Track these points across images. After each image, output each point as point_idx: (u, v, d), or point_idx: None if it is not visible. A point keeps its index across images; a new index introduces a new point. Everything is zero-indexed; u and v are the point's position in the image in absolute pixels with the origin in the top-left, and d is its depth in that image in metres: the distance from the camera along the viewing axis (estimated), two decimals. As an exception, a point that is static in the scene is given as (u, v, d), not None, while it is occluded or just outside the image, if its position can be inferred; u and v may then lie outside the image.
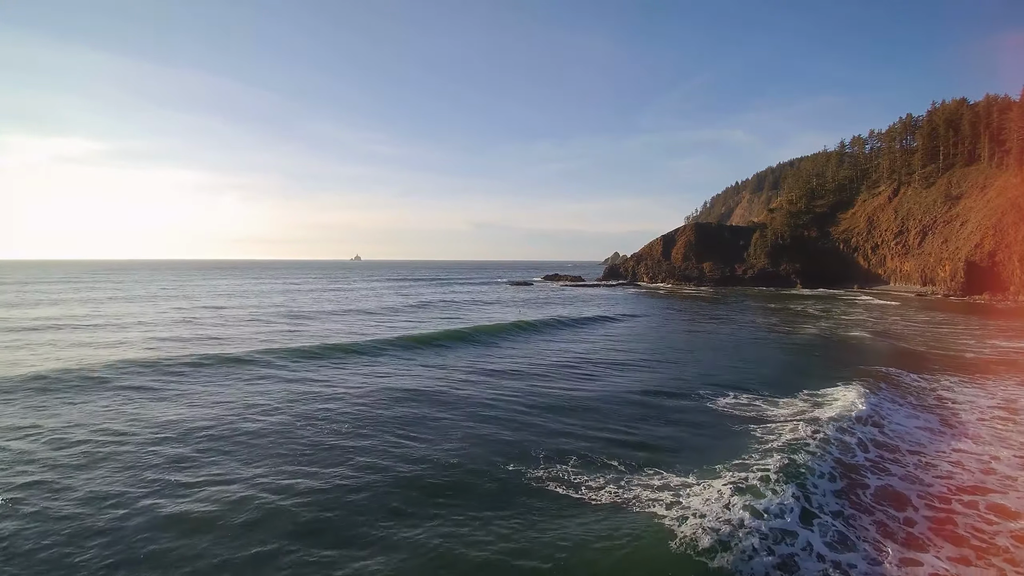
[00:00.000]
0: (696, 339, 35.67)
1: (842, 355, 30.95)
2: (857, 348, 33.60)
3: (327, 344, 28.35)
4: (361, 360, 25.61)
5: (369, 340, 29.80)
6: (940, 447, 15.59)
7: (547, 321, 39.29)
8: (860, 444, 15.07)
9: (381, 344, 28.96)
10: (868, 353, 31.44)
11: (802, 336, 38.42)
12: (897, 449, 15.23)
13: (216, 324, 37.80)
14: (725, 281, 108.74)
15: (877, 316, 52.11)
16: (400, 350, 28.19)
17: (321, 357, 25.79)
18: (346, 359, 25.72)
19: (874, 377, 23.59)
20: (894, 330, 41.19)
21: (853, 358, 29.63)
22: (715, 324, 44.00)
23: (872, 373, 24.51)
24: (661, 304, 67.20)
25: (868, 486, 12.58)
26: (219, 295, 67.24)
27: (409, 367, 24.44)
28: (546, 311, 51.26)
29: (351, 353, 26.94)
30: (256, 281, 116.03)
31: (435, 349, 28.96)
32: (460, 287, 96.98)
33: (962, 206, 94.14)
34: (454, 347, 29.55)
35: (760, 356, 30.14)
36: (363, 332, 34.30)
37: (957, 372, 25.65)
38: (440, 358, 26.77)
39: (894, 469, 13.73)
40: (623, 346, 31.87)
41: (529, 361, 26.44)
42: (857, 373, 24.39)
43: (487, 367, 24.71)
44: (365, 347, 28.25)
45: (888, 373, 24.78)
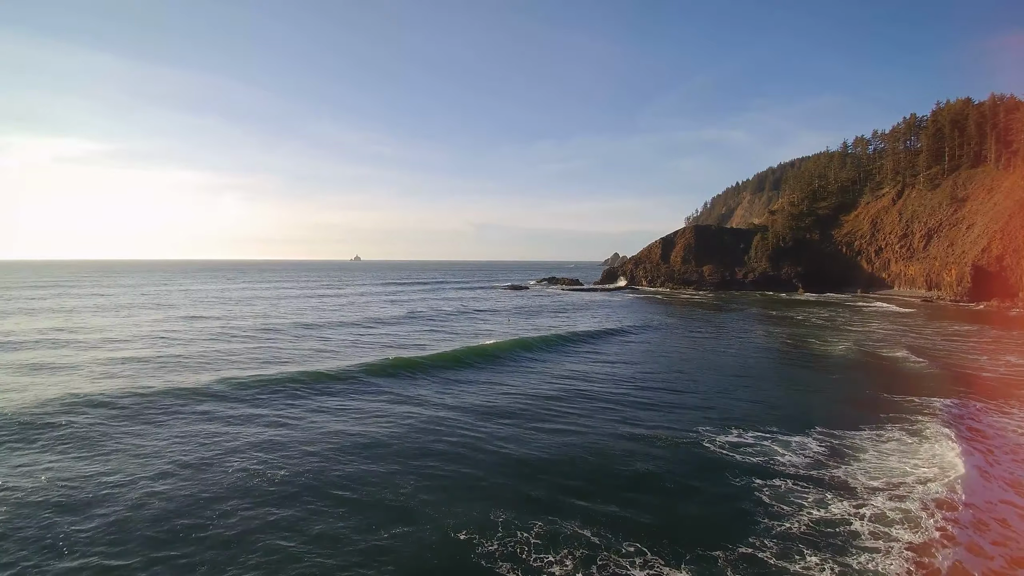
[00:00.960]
0: (697, 357, 33.38)
1: (858, 376, 28.59)
2: (874, 367, 31.10)
3: (286, 373, 25.48)
4: (321, 393, 23.01)
5: (338, 367, 27.17)
6: None
7: (535, 341, 35.41)
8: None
9: (349, 372, 26.27)
10: (891, 375, 28.82)
11: (809, 351, 36.21)
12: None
13: (184, 342, 35.49)
14: (725, 285, 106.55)
15: (887, 326, 49.91)
16: (371, 377, 25.67)
17: (277, 389, 23.30)
18: (303, 391, 23.19)
19: (911, 412, 21.00)
20: (912, 343, 38.70)
21: (872, 381, 27.18)
22: (716, 338, 41.76)
23: (905, 406, 21.88)
24: (659, 312, 65.01)
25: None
26: (202, 303, 65.02)
27: (373, 402, 21.95)
28: (537, 322, 49.10)
29: (313, 382, 24.37)
30: (246, 285, 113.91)
31: (408, 378, 26.08)
32: (454, 292, 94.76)
33: (968, 208, 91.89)
34: (427, 374, 26.77)
35: (765, 377, 27.93)
36: (335, 353, 31.78)
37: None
38: (410, 388, 24.25)
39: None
40: (615, 371, 29.12)
41: (506, 394, 23.76)
42: (883, 405, 22.08)
43: (455, 402, 22.15)
44: (331, 375, 25.63)
45: (931, 406, 21.90)
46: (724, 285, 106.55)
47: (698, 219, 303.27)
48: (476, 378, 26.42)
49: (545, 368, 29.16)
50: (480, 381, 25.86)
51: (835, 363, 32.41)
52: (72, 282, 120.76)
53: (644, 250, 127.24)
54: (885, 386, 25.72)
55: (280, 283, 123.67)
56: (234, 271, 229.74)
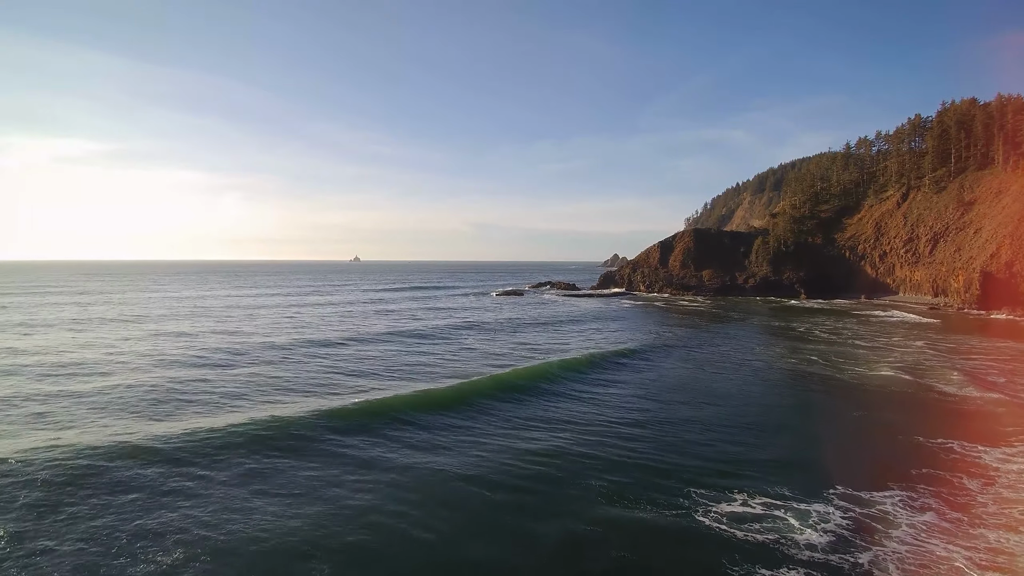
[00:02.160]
0: (693, 386, 30.27)
1: (879, 410, 25.26)
2: (896, 398, 27.55)
3: (215, 429, 20.55)
4: (249, 456, 18.45)
5: (284, 416, 22.31)
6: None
7: (510, 380, 28.96)
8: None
9: (294, 424, 21.42)
10: (917, 409, 25.16)
11: (820, 375, 33.28)
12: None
13: (135, 368, 32.26)
14: (725, 290, 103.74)
15: (899, 340, 47.02)
16: (317, 432, 20.91)
17: (199, 451, 18.69)
18: (226, 452, 18.66)
19: (949, 464, 17.83)
20: (936, 363, 35.59)
21: (897, 416, 23.86)
22: (715, 360, 38.75)
23: (941, 456, 18.77)
24: (655, 323, 62.22)
25: None
26: (173, 316, 61.38)
27: (321, 470, 17.68)
28: (524, 339, 46.16)
29: (245, 443, 19.41)
30: (231, 291, 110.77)
31: (358, 434, 20.96)
32: (446, 299, 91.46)
33: (976, 212, 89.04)
34: (374, 431, 21.47)
35: (772, 412, 24.81)
36: (289, 391, 27.24)
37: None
38: (353, 453, 19.32)
39: None
40: (596, 414, 24.70)
41: (458, 454, 19.29)
42: (914, 452, 18.75)
43: (391, 474, 17.45)
44: (270, 429, 20.80)
45: (976, 455, 18.73)
46: (724, 290, 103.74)
47: (698, 220, 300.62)
48: (434, 434, 21.57)
49: (514, 414, 24.41)
50: (435, 439, 20.87)
51: (851, 391, 29.16)
52: (52, 289, 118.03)
53: (642, 254, 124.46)
54: (913, 424, 22.59)
55: (268, 289, 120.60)
56: (228, 273, 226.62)
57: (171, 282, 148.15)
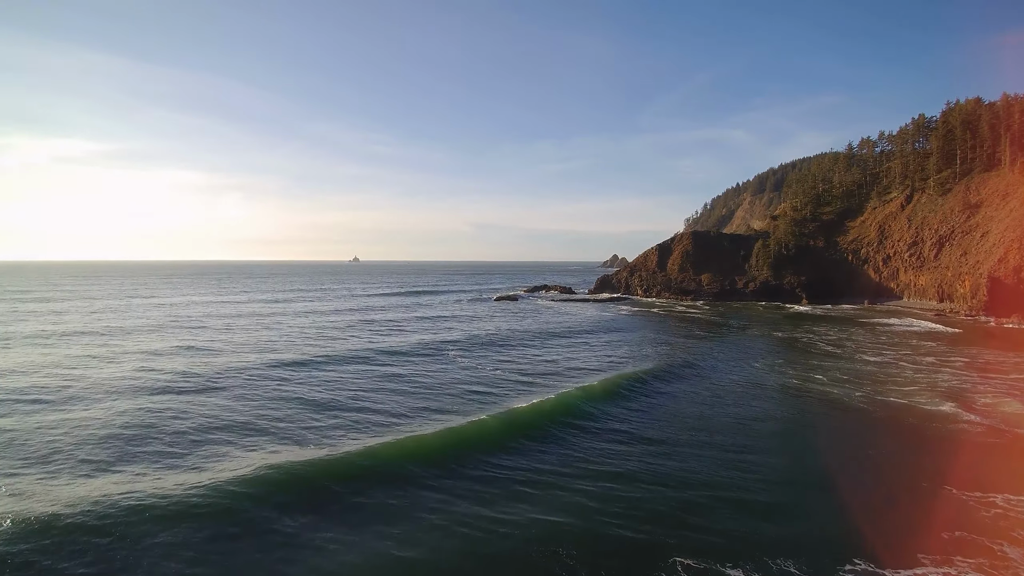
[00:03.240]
0: (685, 415, 27.49)
1: (900, 451, 22.35)
2: (919, 434, 24.57)
3: (107, 501, 16.53)
4: (117, 544, 14.55)
5: (175, 487, 17.60)
6: None
7: (477, 433, 23.55)
8: None
9: (190, 498, 16.77)
10: (944, 449, 22.18)
11: (827, 401, 30.80)
12: None
13: (86, 400, 29.66)
14: (724, 295, 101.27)
15: (909, 355, 44.51)
16: (238, 504, 16.73)
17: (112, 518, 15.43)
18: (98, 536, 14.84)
19: (987, 527, 15.04)
20: (957, 389, 32.75)
21: (923, 461, 20.83)
22: (712, 381, 36.30)
23: (978, 515, 15.81)
24: (651, 335, 59.76)
25: None
26: (151, 326, 58.65)
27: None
28: (515, 355, 43.65)
29: (120, 527, 15.32)
30: (219, 296, 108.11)
31: (266, 509, 16.56)
32: (438, 306, 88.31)
33: (982, 215, 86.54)
34: (318, 508, 17.04)
35: (773, 454, 22.06)
36: (204, 444, 22.35)
37: None
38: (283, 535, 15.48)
39: None
40: (574, 449, 22.01)
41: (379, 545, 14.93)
42: (945, 510, 16.05)
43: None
44: (153, 505, 16.38)
45: (1016, 512, 15.88)
46: (723, 295, 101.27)
47: (698, 220, 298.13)
48: (365, 513, 16.82)
49: (492, 472, 19.88)
50: (367, 520, 16.35)
51: (861, 422, 26.40)
52: (41, 292, 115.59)
53: (640, 257, 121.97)
54: (940, 468, 19.78)
55: (256, 294, 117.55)
56: (222, 276, 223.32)
57: (161, 285, 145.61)
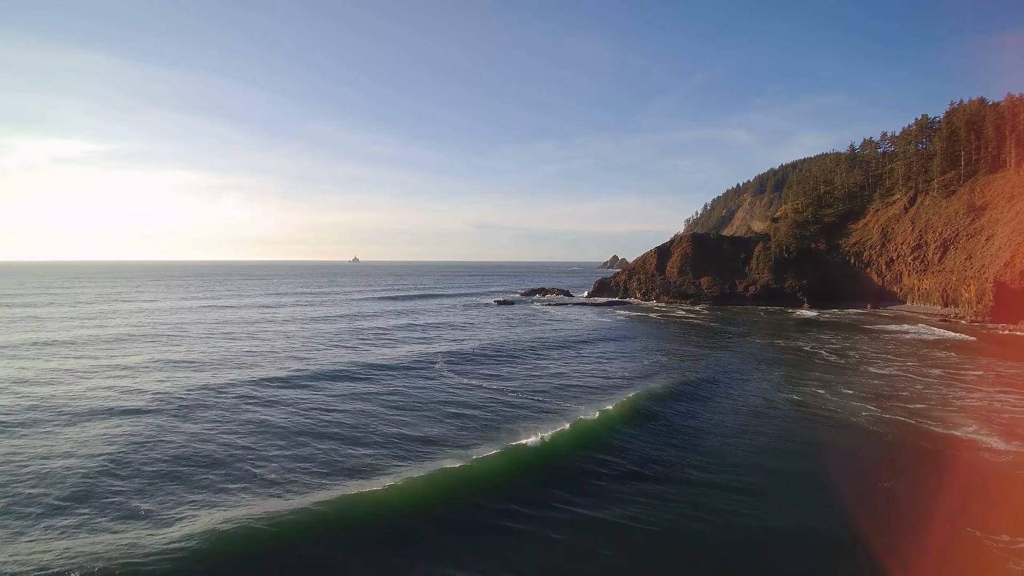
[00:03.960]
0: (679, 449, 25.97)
1: (910, 489, 20.12)
2: (926, 462, 22.43)
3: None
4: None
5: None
6: None
7: (435, 493, 19.26)
8: None
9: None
10: (975, 486, 19.82)
11: (826, 417, 29.10)
12: None
13: (43, 424, 27.81)
14: (724, 299, 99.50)
15: (916, 366, 42.72)
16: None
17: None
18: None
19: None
20: (977, 408, 30.68)
21: (949, 499, 18.49)
22: (709, 397, 34.65)
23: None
24: (648, 343, 58.01)
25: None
26: (131, 335, 55.81)
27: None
28: (502, 371, 41.51)
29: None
30: (209, 300, 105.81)
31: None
32: (431, 313, 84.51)
33: (987, 218, 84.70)
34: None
35: (772, 496, 19.75)
36: (172, 484, 19.97)
37: None
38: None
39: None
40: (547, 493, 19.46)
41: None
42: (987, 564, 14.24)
43: None
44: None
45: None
46: (723, 299, 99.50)
47: (698, 221, 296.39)
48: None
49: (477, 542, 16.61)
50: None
51: (875, 451, 24.16)
52: (29, 296, 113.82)
53: (638, 260, 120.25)
54: (958, 505, 17.81)
55: (247, 298, 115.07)
56: (218, 277, 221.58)
57: (154, 288, 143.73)
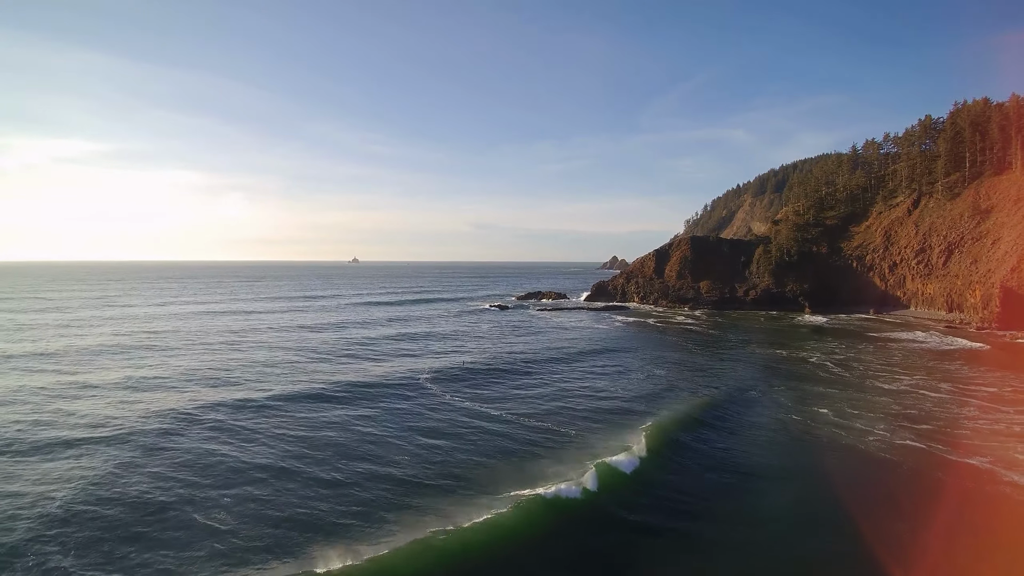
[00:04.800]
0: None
1: (937, 536, 17.80)
2: (947, 495, 20.33)
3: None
4: None
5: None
6: None
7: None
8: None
9: None
10: (1004, 528, 17.86)
11: (834, 440, 27.09)
12: None
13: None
14: (724, 303, 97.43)
15: (924, 379, 40.68)
16: None
17: None
18: None
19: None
20: (980, 427, 28.87)
21: (971, 542, 16.69)
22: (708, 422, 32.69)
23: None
24: (647, 352, 56.00)
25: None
26: (102, 347, 52.52)
27: None
28: (483, 396, 38.88)
29: None
30: (196, 306, 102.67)
31: None
32: (420, 322, 79.62)
33: (993, 221, 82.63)
34: None
35: (777, 543, 18.32)
36: (102, 549, 16.98)
37: None
38: None
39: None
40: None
41: None
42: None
43: None
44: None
45: None
46: (723, 303, 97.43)
47: (698, 222, 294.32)
48: None
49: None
50: None
51: (886, 482, 22.20)
52: (14, 300, 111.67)
53: (636, 262, 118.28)
54: (988, 559, 15.98)
55: (235, 303, 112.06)
56: (211, 278, 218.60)
57: (146, 291, 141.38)
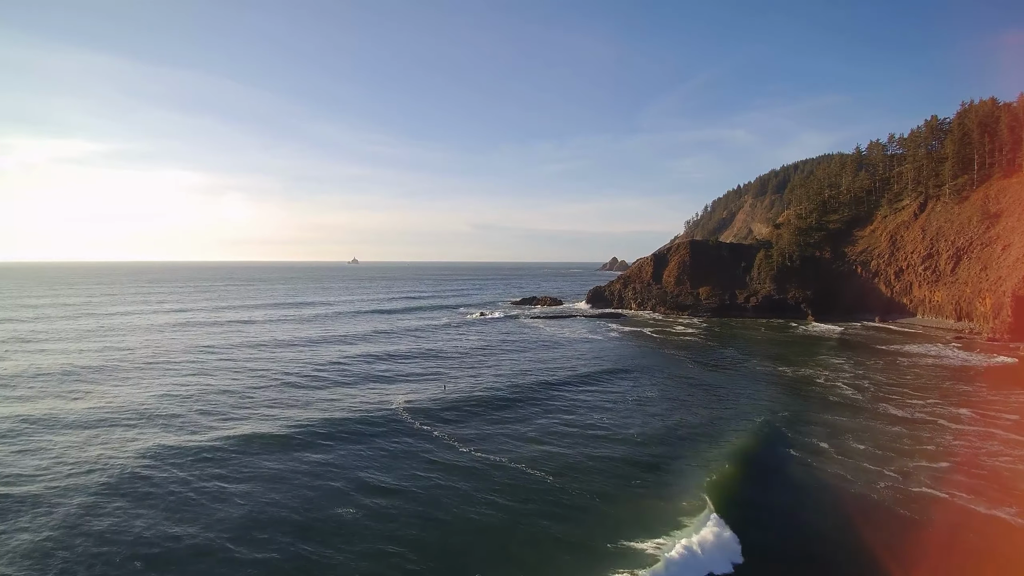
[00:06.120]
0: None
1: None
2: (982, 565, 17.94)
3: None
4: None
5: None
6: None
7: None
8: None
9: None
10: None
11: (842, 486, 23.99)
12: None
13: None
14: (724, 310, 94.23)
15: (940, 405, 37.49)
16: None
17: None
18: None
19: None
20: (1010, 467, 25.80)
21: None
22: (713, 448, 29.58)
23: None
24: (644, 374, 52.92)
25: None
26: (58, 366, 49.14)
27: None
28: (473, 427, 35.93)
29: None
30: (176, 314, 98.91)
31: None
32: (405, 336, 74.64)
33: (1003, 226, 79.32)
34: None
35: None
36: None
37: None
38: None
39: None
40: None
41: None
42: None
43: None
44: None
45: None
46: (723, 310, 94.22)
47: (698, 223, 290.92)
48: None
49: None
50: None
51: (903, 544, 19.44)
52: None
53: (634, 267, 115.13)
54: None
55: (219, 312, 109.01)
56: (205, 280, 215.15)
57: (132, 296, 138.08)
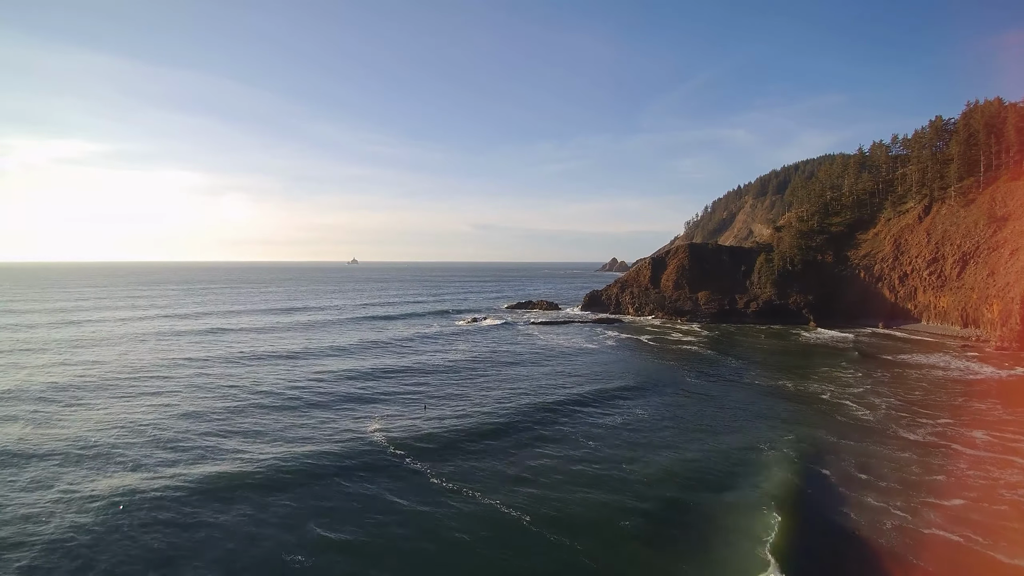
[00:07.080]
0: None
1: None
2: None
3: None
4: None
5: None
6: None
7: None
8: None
9: None
10: None
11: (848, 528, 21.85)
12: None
13: None
14: (724, 315, 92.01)
15: (953, 426, 35.34)
16: None
17: None
18: None
19: None
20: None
21: None
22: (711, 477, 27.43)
23: None
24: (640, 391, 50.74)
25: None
26: (18, 386, 46.43)
27: None
28: (453, 465, 33.15)
29: None
30: (160, 321, 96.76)
31: None
32: (394, 348, 70.61)
33: (1010, 230, 77.08)
34: None
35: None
36: None
37: None
38: None
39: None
40: None
41: None
42: None
43: None
44: None
45: None
46: (722, 316, 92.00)
47: (698, 224, 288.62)
48: None
49: None
50: None
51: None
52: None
53: (632, 271, 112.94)
54: None
55: (205, 319, 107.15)
56: (200, 282, 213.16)
57: (122, 300, 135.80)
